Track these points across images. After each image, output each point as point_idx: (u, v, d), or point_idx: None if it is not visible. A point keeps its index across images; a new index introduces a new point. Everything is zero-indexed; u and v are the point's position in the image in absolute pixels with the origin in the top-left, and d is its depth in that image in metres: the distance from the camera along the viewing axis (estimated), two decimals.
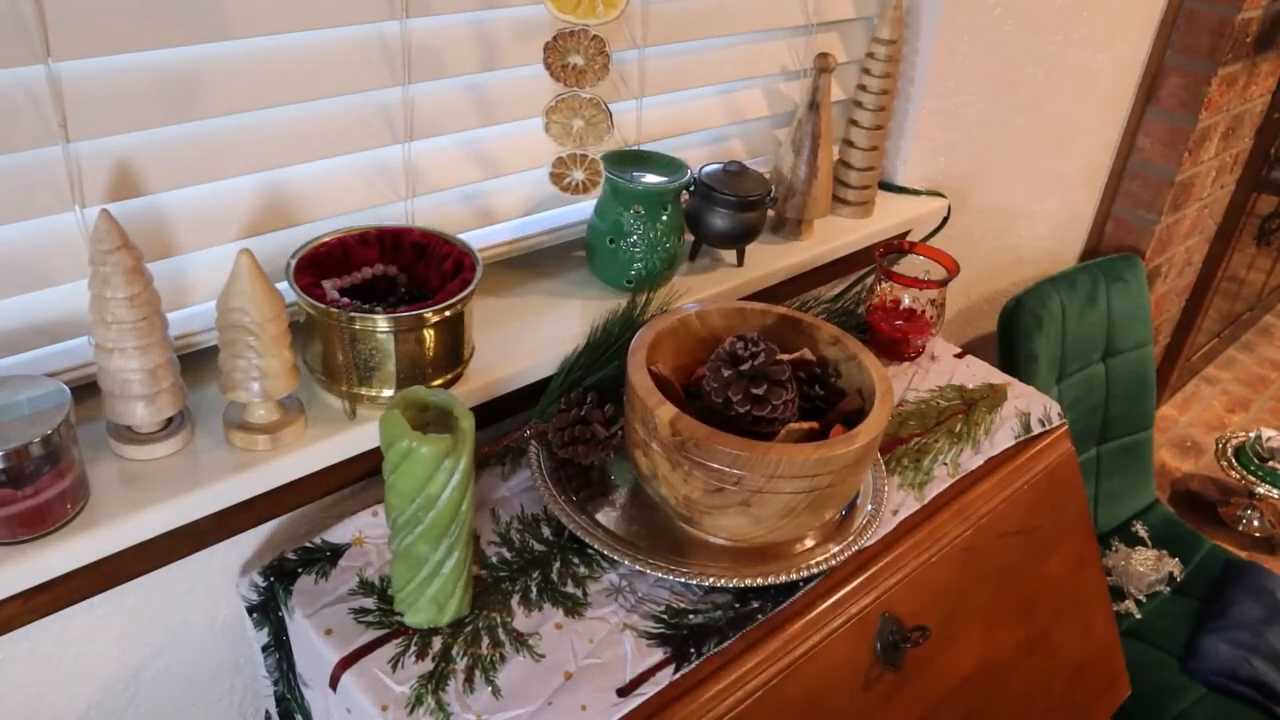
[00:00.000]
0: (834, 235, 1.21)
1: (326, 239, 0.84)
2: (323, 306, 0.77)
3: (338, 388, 0.81)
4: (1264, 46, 1.87)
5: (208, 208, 0.80)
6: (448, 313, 0.80)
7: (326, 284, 0.81)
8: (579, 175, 0.97)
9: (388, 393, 0.81)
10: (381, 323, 0.77)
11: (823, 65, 1.10)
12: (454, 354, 0.85)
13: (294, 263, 0.81)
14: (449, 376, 0.85)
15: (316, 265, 0.83)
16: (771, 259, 1.14)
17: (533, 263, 1.06)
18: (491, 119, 0.94)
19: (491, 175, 0.97)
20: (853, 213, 1.26)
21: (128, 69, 0.71)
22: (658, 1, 1.00)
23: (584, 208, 1.05)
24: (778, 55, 1.18)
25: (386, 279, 0.88)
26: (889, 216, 1.27)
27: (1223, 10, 1.71)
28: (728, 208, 1.04)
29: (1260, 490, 2.17)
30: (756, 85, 1.19)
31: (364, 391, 0.81)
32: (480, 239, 0.98)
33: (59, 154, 0.70)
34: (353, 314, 0.77)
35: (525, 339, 0.94)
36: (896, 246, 1.16)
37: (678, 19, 1.03)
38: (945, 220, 1.33)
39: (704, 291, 1.05)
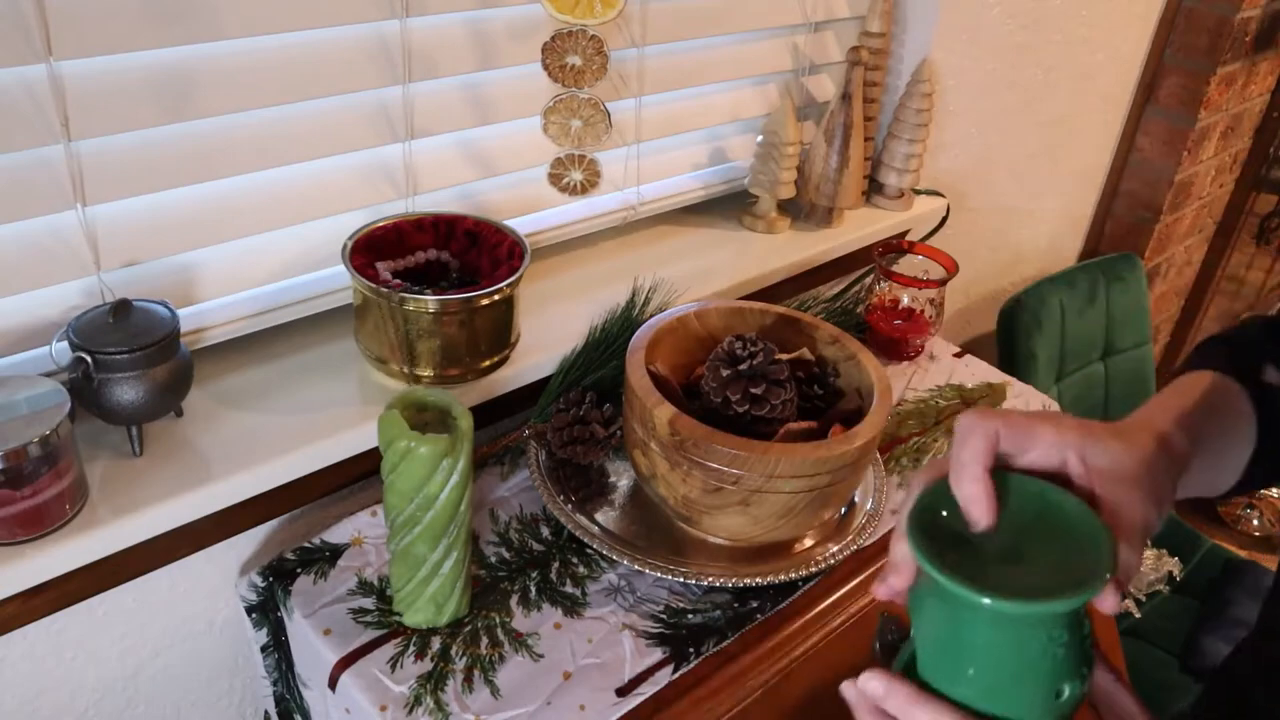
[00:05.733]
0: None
1: (382, 223, 0.87)
2: (375, 286, 0.80)
3: (387, 368, 0.84)
4: (1263, 46, 1.87)
5: (207, 207, 0.80)
6: (496, 296, 0.83)
7: (380, 265, 0.84)
8: (577, 176, 0.97)
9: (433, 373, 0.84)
10: (431, 304, 0.80)
11: (855, 58, 1.11)
12: (501, 337, 0.88)
13: (350, 244, 0.84)
14: (495, 359, 0.87)
15: (372, 248, 0.85)
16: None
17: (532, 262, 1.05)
18: (494, 118, 0.94)
19: (491, 174, 0.97)
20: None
21: (129, 68, 0.71)
22: (656, 1, 1.00)
23: (584, 206, 1.05)
24: (776, 54, 1.18)
25: (439, 264, 0.90)
26: (888, 216, 1.28)
27: (1222, 9, 1.71)
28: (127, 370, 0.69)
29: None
30: (755, 85, 1.19)
31: (414, 371, 0.84)
32: (528, 225, 1.01)
33: (60, 153, 0.70)
34: (404, 294, 0.79)
35: (524, 338, 0.94)
36: (895, 246, 1.16)
37: (676, 18, 1.03)
38: (944, 220, 1.33)
39: (703, 291, 1.05)
